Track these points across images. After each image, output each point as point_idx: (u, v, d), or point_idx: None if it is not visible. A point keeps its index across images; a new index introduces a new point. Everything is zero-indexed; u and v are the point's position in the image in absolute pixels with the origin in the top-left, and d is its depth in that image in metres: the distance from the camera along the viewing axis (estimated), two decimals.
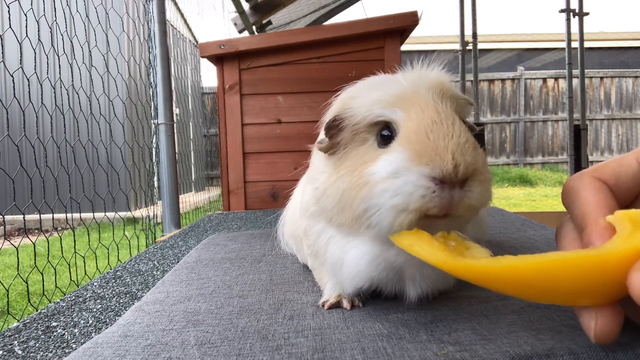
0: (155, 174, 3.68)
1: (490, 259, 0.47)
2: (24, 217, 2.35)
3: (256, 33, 5.07)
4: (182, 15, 7.20)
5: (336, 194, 0.59)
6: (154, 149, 3.56)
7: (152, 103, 3.20)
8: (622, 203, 0.52)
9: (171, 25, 5.43)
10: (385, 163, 0.55)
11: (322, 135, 0.65)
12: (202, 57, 2.62)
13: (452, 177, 0.52)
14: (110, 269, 1.19)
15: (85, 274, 2.91)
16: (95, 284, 1.05)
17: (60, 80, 2.84)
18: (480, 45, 5.64)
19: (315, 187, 0.65)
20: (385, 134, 0.58)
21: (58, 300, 0.93)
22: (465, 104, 0.63)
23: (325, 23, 5.46)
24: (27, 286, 2.35)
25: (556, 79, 11.11)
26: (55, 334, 0.76)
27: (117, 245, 3.25)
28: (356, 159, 0.59)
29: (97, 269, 3.36)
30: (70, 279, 2.80)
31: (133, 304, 0.88)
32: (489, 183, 0.57)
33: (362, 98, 0.61)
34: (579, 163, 4.96)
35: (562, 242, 0.53)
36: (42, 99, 2.59)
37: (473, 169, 0.53)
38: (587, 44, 5.24)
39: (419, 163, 0.53)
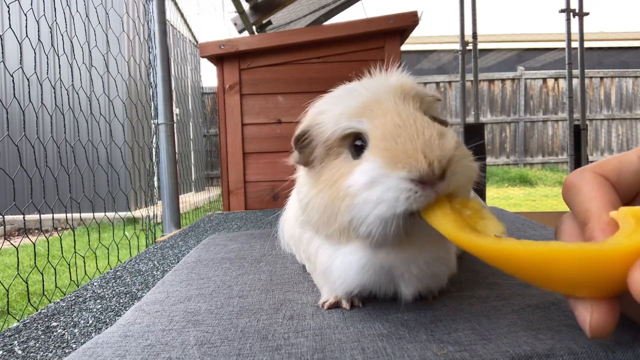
0: (155, 174, 3.68)
1: (494, 239, 0.48)
2: (24, 217, 2.35)
3: (256, 33, 5.07)
4: (182, 15, 7.20)
5: (319, 207, 0.60)
6: (154, 149, 3.57)
7: (152, 103, 3.20)
8: (623, 200, 0.52)
9: (171, 25, 5.43)
10: (360, 173, 0.55)
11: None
12: (202, 57, 2.62)
13: (431, 176, 0.52)
14: (110, 269, 1.19)
15: (85, 274, 2.91)
16: (95, 284, 1.05)
17: (60, 80, 2.84)
18: (480, 45, 5.64)
19: (300, 198, 0.66)
20: (358, 144, 0.59)
21: (58, 300, 0.93)
22: (432, 102, 0.64)
23: (325, 23, 5.46)
24: (27, 286, 2.35)
25: (556, 79, 11.11)
26: (55, 334, 0.76)
27: (117, 245, 3.25)
28: (333, 173, 0.60)
29: (97, 269, 3.36)
30: (70, 279, 2.80)
31: (133, 304, 0.88)
32: (466, 157, 0.57)
33: (329, 112, 0.62)
34: (579, 163, 4.96)
35: (561, 238, 0.53)
36: (42, 99, 2.59)
37: (447, 160, 0.53)
38: (587, 44, 5.24)
39: (395, 168, 0.53)
